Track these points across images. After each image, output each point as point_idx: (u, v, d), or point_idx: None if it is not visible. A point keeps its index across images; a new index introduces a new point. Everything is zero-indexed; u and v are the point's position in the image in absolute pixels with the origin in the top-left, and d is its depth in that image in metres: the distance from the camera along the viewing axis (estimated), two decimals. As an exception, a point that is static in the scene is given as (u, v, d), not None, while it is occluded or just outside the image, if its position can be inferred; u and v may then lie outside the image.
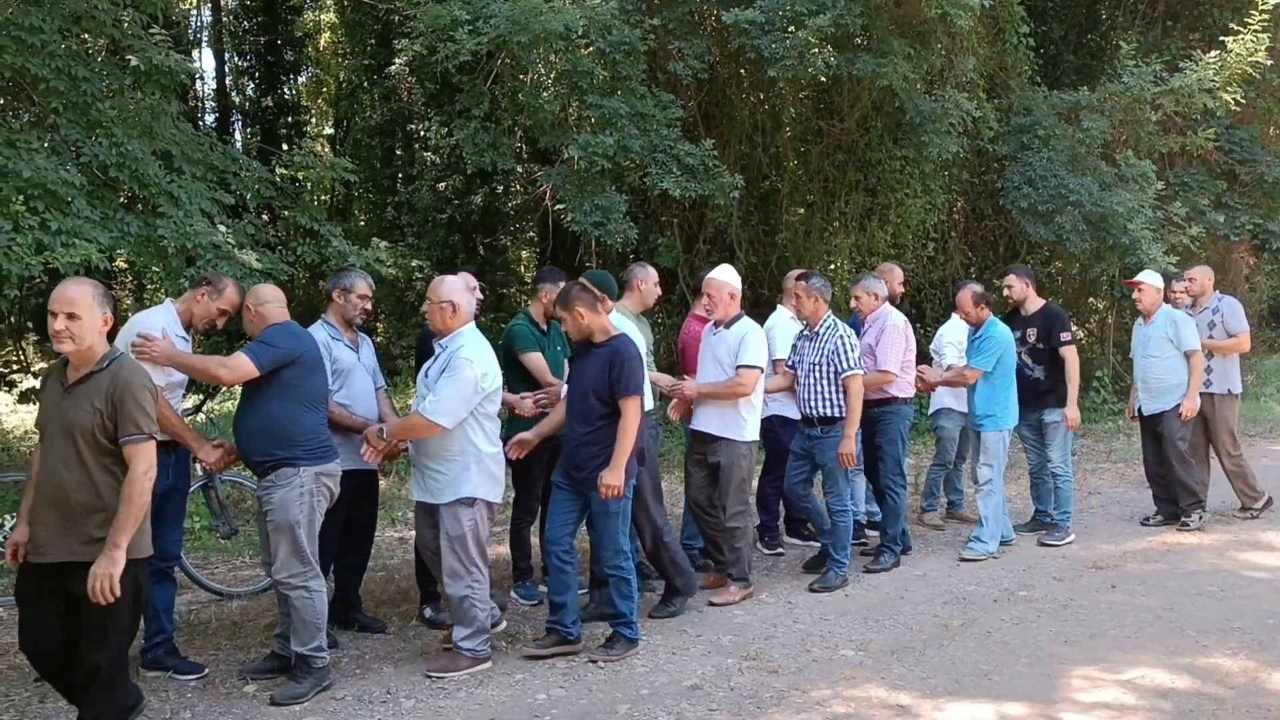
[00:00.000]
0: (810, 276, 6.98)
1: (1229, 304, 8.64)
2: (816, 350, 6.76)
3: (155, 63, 7.90)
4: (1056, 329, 7.91)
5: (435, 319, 5.44)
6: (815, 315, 6.85)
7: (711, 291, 6.51)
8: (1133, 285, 8.51)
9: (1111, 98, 12.81)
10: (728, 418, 6.42)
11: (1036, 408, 7.95)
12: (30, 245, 6.69)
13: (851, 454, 6.64)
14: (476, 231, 16.99)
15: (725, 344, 6.44)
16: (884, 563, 7.19)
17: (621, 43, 10.26)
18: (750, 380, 6.32)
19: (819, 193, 13.10)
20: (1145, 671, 5.22)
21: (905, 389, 7.39)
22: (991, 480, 7.49)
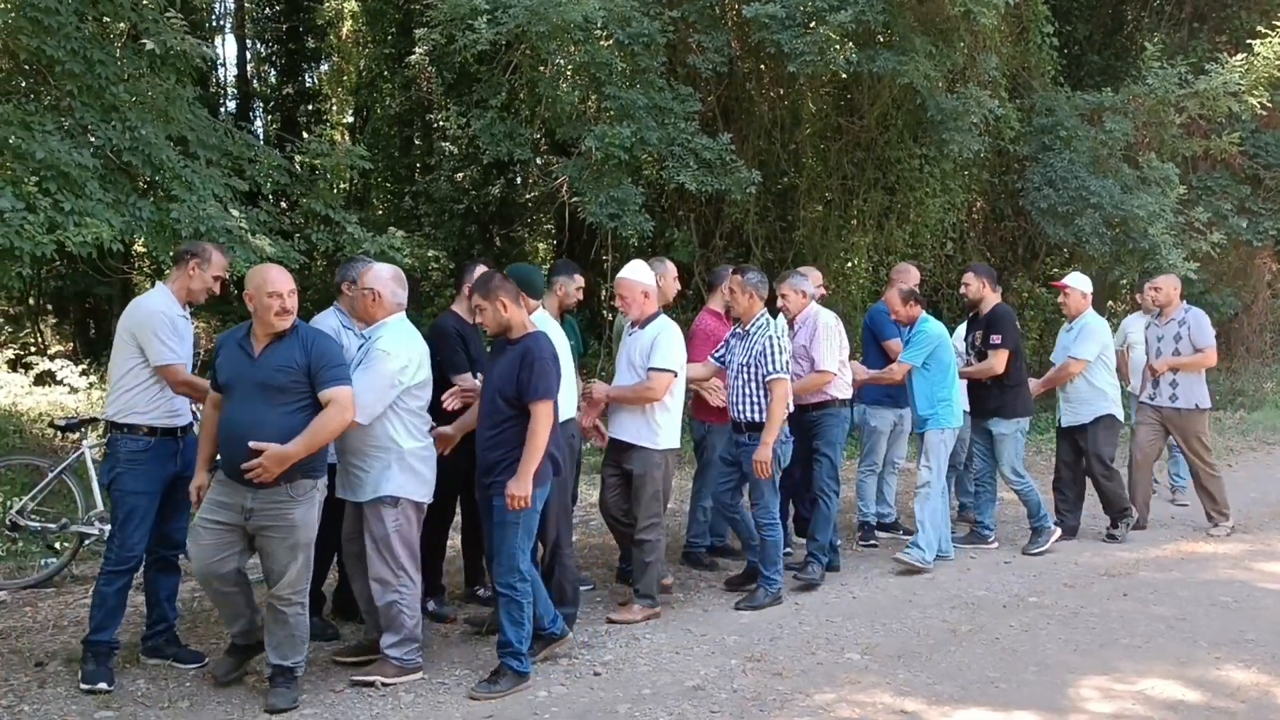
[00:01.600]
0: (746, 271, 6.49)
1: (1196, 316, 8.29)
2: (746, 351, 6.30)
3: (170, 47, 7.89)
4: (991, 330, 7.52)
5: (358, 306, 5.31)
6: (749, 313, 6.35)
7: (623, 291, 6.16)
8: (1058, 288, 8.26)
9: (1135, 99, 12.71)
10: (641, 424, 6.04)
11: (983, 416, 7.70)
12: (42, 224, 6.70)
13: (767, 462, 6.13)
14: (493, 222, 16.98)
15: (639, 345, 6.07)
16: (811, 573, 6.73)
17: (640, 35, 10.21)
18: (660, 384, 5.94)
19: (837, 190, 13.03)
20: (1155, 682, 5.14)
21: (843, 390, 7.01)
22: (930, 483, 7.20)
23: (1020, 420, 7.65)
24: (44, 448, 10.15)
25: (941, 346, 7.21)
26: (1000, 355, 7.45)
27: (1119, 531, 7.93)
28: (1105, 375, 7.92)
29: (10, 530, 6.89)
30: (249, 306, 4.70)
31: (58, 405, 12.32)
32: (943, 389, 7.21)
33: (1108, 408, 7.89)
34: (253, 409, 4.61)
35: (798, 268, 8.46)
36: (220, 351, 4.80)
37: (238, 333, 4.83)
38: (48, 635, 5.76)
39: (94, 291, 15.40)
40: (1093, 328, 7.90)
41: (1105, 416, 7.90)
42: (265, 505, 4.66)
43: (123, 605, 5.15)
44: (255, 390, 4.63)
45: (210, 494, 4.76)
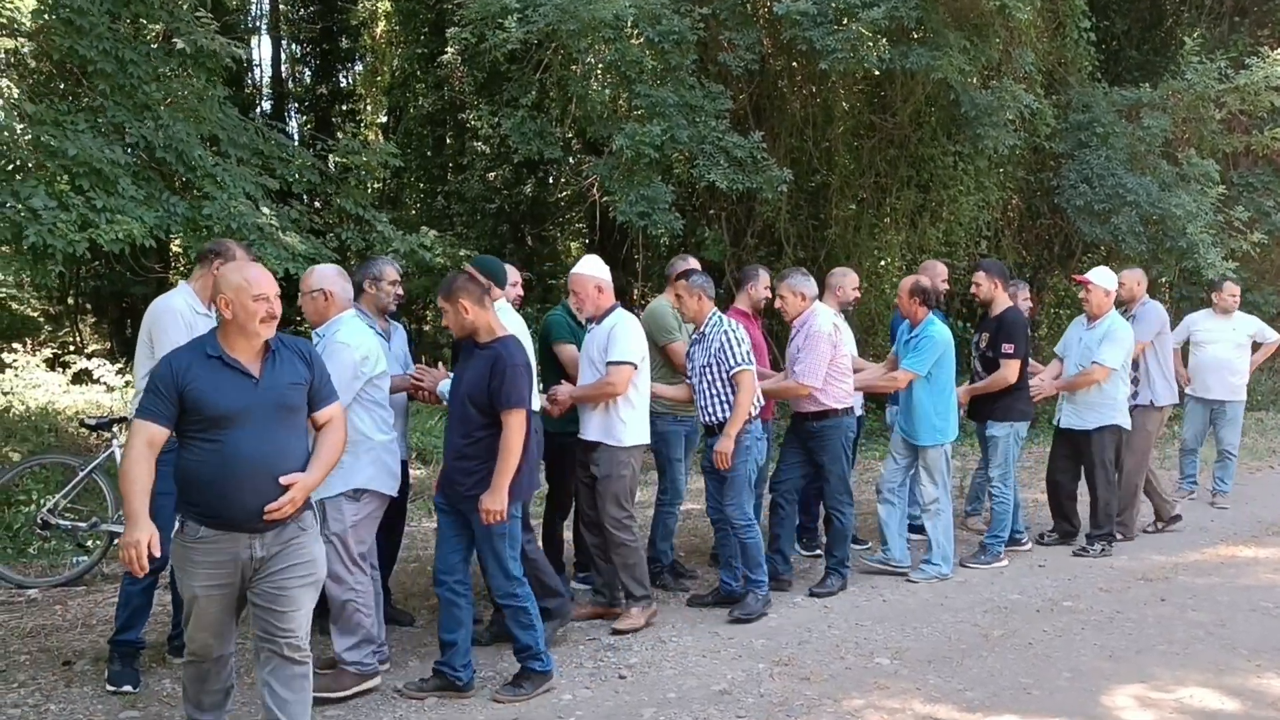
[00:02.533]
0: (691, 273, 6.23)
1: (1146, 310, 8.12)
2: (705, 352, 6.07)
3: (201, 46, 7.93)
4: (1002, 338, 7.17)
5: (309, 310, 5.12)
6: (700, 314, 6.11)
7: (576, 287, 5.92)
8: (1081, 283, 7.75)
9: (1174, 95, 12.52)
10: (605, 422, 5.81)
11: (979, 418, 7.42)
12: (75, 222, 6.75)
13: (727, 454, 5.90)
14: (525, 222, 17.00)
15: (596, 341, 5.84)
16: (830, 586, 6.56)
17: (671, 32, 10.16)
18: (620, 377, 5.67)
19: (870, 188, 12.93)
20: (1193, 691, 5.03)
21: (843, 399, 6.61)
22: (939, 499, 6.88)
23: (1017, 425, 7.30)
24: (78, 446, 10.24)
25: (946, 355, 6.86)
26: (1013, 365, 7.13)
27: (1094, 549, 7.53)
28: (1120, 384, 7.55)
29: (42, 528, 6.93)
30: (224, 313, 3.89)
31: (94, 404, 12.44)
32: (945, 400, 6.87)
33: (1114, 417, 7.53)
34: (274, 438, 3.89)
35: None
36: (192, 375, 3.81)
37: (199, 349, 3.91)
38: (76, 634, 5.78)
39: (131, 291, 15.59)
40: (1119, 333, 7.51)
41: (1111, 426, 7.54)
42: (281, 547, 3.94)
43: (148, 605, 5.16)
44: (272, 415, 3.89)
45: (187, 556, 3.88)
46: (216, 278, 3.92)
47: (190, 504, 3.86)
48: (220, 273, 4.07)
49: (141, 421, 3.77)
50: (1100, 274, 7.69)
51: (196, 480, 3.81)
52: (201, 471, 3.80)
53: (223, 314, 3.87)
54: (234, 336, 3.88)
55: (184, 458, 3.84)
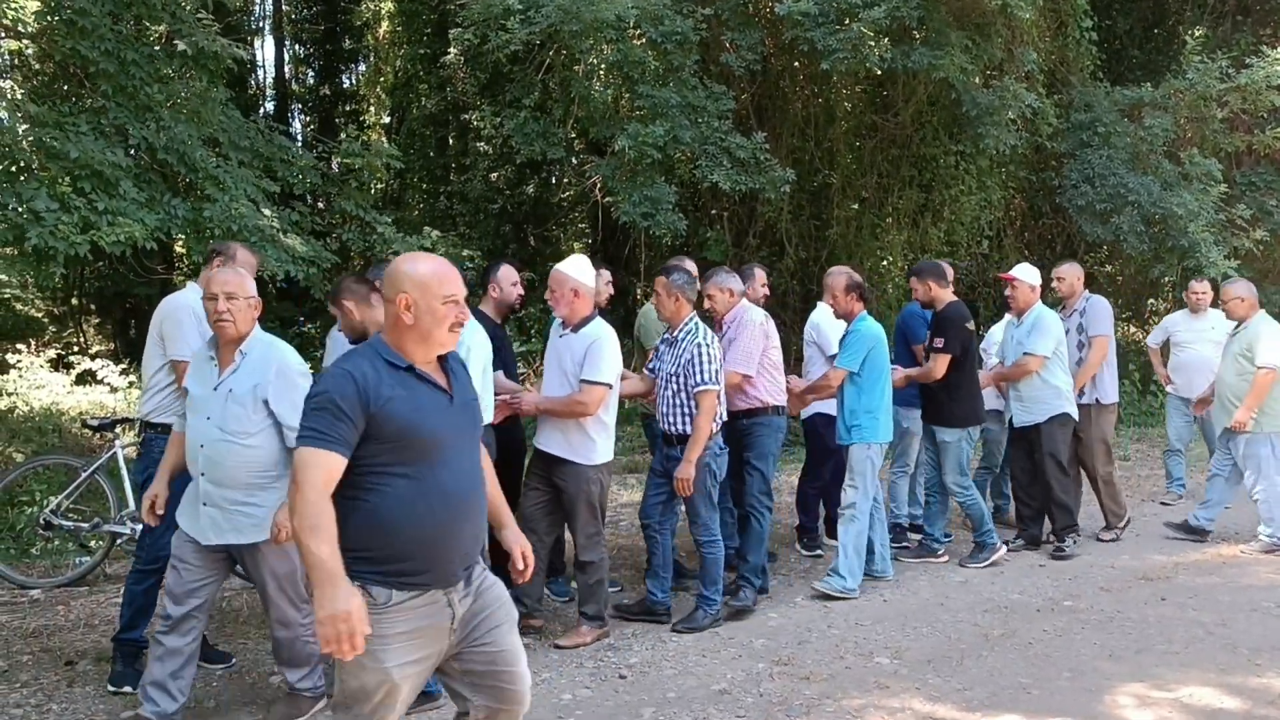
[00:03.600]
0: (672, 271, 5.99)
1: (1094, 305, 7.89)
2: (674, 359, 5.83)
3: (203, 47, 7.95)
4: (934, 333, 7.09)
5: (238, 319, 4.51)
6: (676, 317, 5.88)
7: (553, 284, 5.63)
8: (1006, 280, 7.74)
9: (1176, 94, 12.52)
10: (574, 438, 5.58)
11: (931, 421, 7.29)
12: (77, 224, 6.77)
13: (688, 480, 5.68)
14: (528, 222, 17.01)
15: (571, 351, 5.57)
16: (744, 599, 6.16)
17: (673, 33, 10.17)
18: (593, 399, 5.46)
19: (872, 188, 12.93)
20: (1194, 690, 5.02)
21: (775, 394, 6.40)
22: (855, 504, 6.50)
23: (967, 429, 7.17)
24: (81, 447, 10.27)
25: (876, 350, 6.58)
26: (940, 360, 7.00)
27: (1067, 546, 7.42)
28: (1059, 372, 7.47)
29: (44, 529, 6.95)
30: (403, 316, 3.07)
31: (97, 404, 12.47)
32: (873, 398, 6.55)
33: (1062, 406, 7.47)
34: (473, 467, 3.22)
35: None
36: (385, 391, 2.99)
37: (376, 358, 3.07)
38: (79, 634, 5.80)
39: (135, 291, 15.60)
40: (1046, 321, 7.45)
41: (1060, 415, 7.47)
42: (475, 595, 3.23)
43: (152, 604, 5.16)
44: (467, 439, 3.21)
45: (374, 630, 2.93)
46: (387, 273, 3.16)
47: (374, 561, 2.98)
48: (394, 266, 3.19)
49: (316, 451, 2.90)
50: (1025, 270, 7.67)
51: (391, 528, 2.98)
52: (397, 516, 2.98)
53: (399, 317, 3.08)
54: (412, 346, 3.11)
55: (365, 500, 2.98)
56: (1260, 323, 7.70)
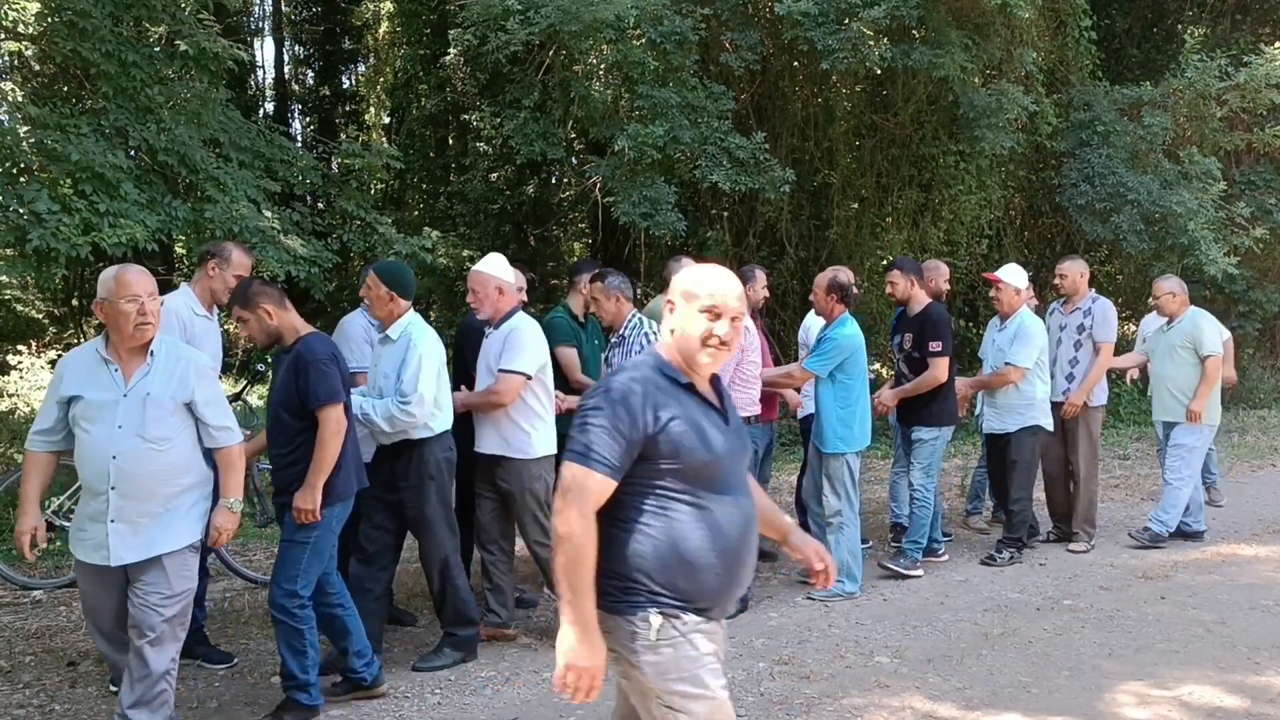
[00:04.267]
0: (605, 275, 5.92)
1: (1102, 307, 7.64)
2: (624, 356, 5.72)
3: (204, 48, 7.95)
4: (928, 335, 6.88)
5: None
6: (619, 317, 5.87)
7: (475, 286, 5.54)
8: (992, 281, 7.55)
9: (1175, 93, 12.53)
10: (508, 433, 5.44)
11: (906, 422, 7.15)
12: (78, 226, 6.78)
13: None
14: (528, 222, 16.99)
15: (493, 347, 5.48)
16: None
17: (673, 33, 10.18)
18: (507, 388, 5.32)
19: (871, 188, 12.94)
20: (1193, 688, 5.04)
21: (747, 407, 6.21)
22: (842, 512, 6.43)
23: (945, 429, 7.06)
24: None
25: (855, 358, 6.40)
26: (942, 363, 6.86)
27: (1002, 557, 7.23)
28: (1037, 383, 7.29)
29: (46, 530, 6.94)
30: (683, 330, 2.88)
31: (98, 405, 12.46)
32: (852, 406, 6.40)
33: (1036, 418, 7.29)
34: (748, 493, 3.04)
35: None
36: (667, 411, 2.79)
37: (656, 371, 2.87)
38: (81, 634, 5.80)
39: (134, 293, 15.59)
40: (1030, 330, 7.26)
41: (1031, 427, 7.29)
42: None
43: (152, 605, 5.18)
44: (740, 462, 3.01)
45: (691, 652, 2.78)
46: (672, 281, 2.95)
47: (667, 589, 2.77)
48: (677, 277, 2.97)
49: (589, 472, 2.69)
50: (1010, 272, 7.51)
51: (688, 558, 2.76)
52: (691, 544, 2.77)
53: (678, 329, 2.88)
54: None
55: (654, 527, 2.77)
56: (1197, 316, 7.80)
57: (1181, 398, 7.72)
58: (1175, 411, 7.78)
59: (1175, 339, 7.79)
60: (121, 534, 4.00)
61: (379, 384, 5.16)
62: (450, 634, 5.34)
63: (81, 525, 4.08)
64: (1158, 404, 7.95)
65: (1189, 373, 7.69)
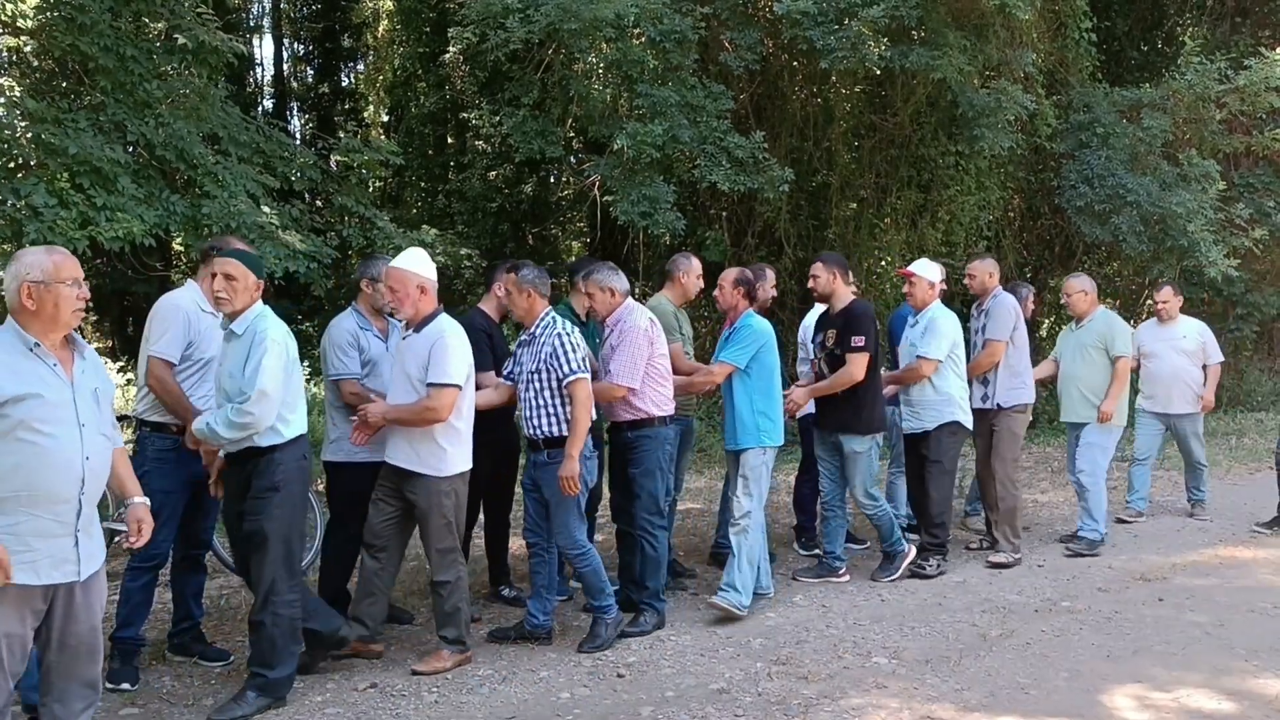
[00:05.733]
0: (521, 267, 5.60)
1: (997, 304, 7.36)
2: (534, 356, 5.44)
3: (203, 42, 7.94)
4: (850, 331, 6.52)
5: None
6: (530, 314, 5.51)
7: (393, 284, 5.16)
8: (904, 275, 7.26)
9: (1174, 95, 12.54)
10: (423, 449, 5.11)
11: (832, 429, 6.74)
12: (75, 220, 6.77)
13: (574, 477, 5.28)
14: (526, 221, 17.00)
15: (414, 354, 5.12)
16: (643, 624, 5.79)
17: (672, 32, 10.18)
18: (443, 403, 5.02)
19: (870, 188, 12.95)
20: (1191, 691, 5.03)
21: (662, 404, 5.90)
22: (750, 513, 6.09)
23: (876, 436, 6.73)
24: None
25: (766, 349, 6.17)
26: (860, 360, 6.47)
27: (928, 566, 6.95)
28: (953, 378, 6.98)
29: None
30: None
31: (94, 401, 12.43)
32: (765, 399, 6.15)
33: (954, 414, 6.96)
34: None
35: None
36: None
37: None
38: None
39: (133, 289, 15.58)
40: (941, 323, 6.95)
41: (950, 424, 6.97)
42: None
43: (148, 602, 5.18)
44: None
45: None
46: None
47: None
48: None
49: None
50: (923, 266, 7.23)
51: None
52: None
53: None
54: None
55: None
56: (1107, 316, 7.77)
57: (1092, 398, 7.61)
58: (1084, 413, 7.67)
59: (1086, 339, 7.68)
60: (86, 546, 3.69)
61: (224, 386, 4.69)
62: (258, 675, 4.69)
63: (27, 544, 3.51)
64: (1066, 404, 7.80)
65: (1100, 373, 7.61)
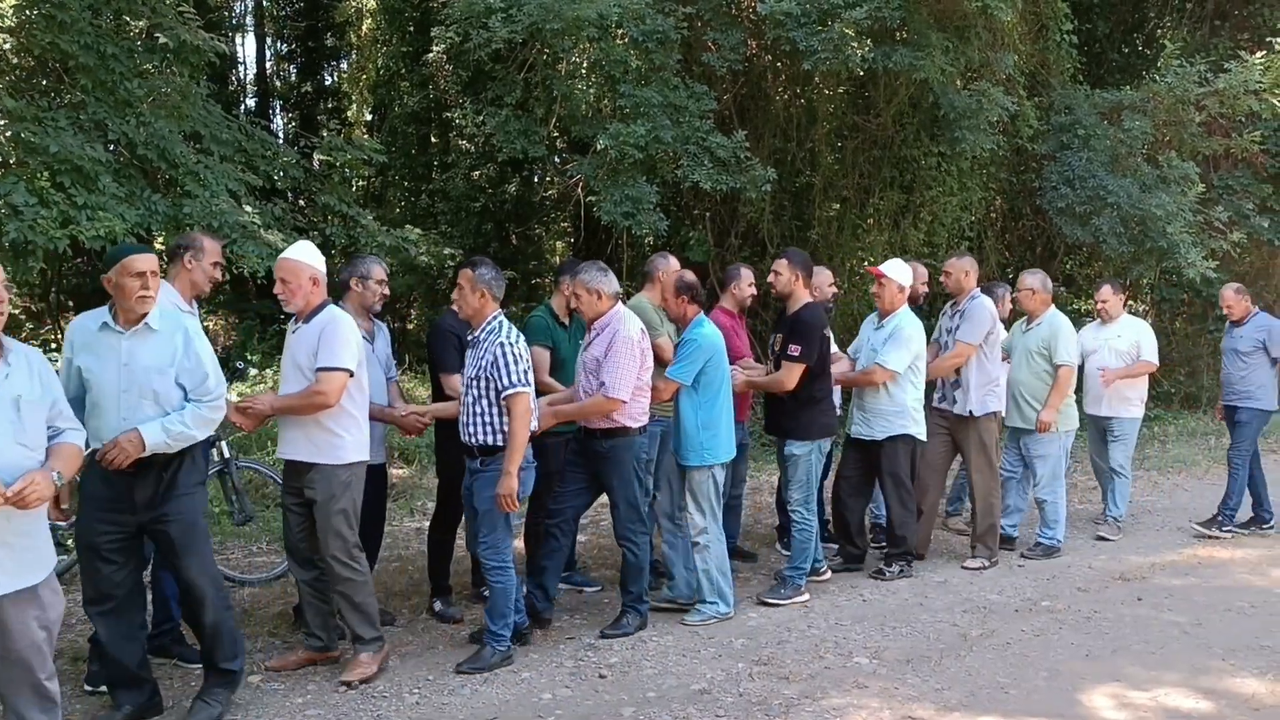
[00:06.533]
0: (478, 264, 5.34)
1: (974, 306, 7.17)
2: (475, 362, 5.24)
3: (185, 40, 7.91)
4: (791, 339, 6.30)
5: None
6: (479, 315, 5.29)
7: (286, 275, 4.98)
8: (874, 274, 7.00)
9: (1154, 97, 12.61)
10: (317, 437, 4.96)
11: (773, 432, 6.62)
12: (56, 219, 6.74)
13: (512, 494, 5.08)
14: (510, 221, 16.97)
15: (304, 343, 4.98)
16: (626, 626, 5.78)
17: (655, 32, 10.18)
18: (332, 387, 4.88)
19: (853, 189, 12.96)
20: (1168, 690, 5.07)
21: (638, 417, 5.75)
22: (707, 529, 5.98)
23: (821, 441, 6.50)
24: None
25: (715, 361, 5.98)
26: (793, 370, 6.27)
27: (891, 570, 6.88)
28: (911, 389, 6.78)
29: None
30: None
31: (74, 401, 12.36)
32: (713, 413, 5.96)
33: (906, 426, 6.77)
34: None
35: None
36: None
37: None
38: (55, 632, 5.76)
39: (114, 288, 15.49)
40: (907, 333, 6.74)
41: (903, 436, 6.79)
42: None
43: (127, 604, 5.14)
44: None
45: None
46: None
47: None
48: None
49: None
50: (894, 267, 6.96)
51: None
52: None
53: None
54: None
55: None
56: (1054, 320, 7.53)
57: (1035, 404, 7.47)
58: (1028, 419, 7.54)
59: (1031, 343, 7.52)
60: (1, 562, 3.61)
61: (142, 384, 4.31)
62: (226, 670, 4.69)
63: None
64: (1012, 409, 7.61)
65: (1041, 380, 7.46)
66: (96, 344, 4.36)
